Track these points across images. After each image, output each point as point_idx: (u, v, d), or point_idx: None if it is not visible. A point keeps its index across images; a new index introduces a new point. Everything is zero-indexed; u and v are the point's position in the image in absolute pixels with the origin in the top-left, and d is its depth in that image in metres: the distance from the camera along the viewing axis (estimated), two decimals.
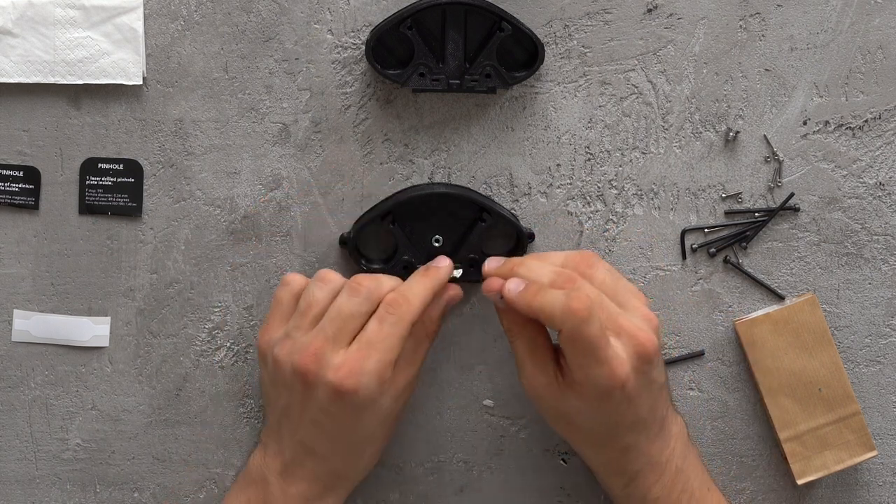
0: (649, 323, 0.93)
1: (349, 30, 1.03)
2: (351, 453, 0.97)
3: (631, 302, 0.94)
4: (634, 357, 0.91)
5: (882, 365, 1.06)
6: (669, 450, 0.97)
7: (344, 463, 0.97)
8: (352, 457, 0.97)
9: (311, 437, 0.95)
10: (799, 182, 1.05)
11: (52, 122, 1.03)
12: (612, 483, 0.99)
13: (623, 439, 0.95)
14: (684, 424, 1.00)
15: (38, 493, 1.06)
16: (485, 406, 1.06)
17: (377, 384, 0.92)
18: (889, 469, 1.07)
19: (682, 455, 0.98)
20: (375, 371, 0.92)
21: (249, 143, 1.04)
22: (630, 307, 0.94)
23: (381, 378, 0.92)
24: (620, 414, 0.93)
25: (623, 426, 0.94)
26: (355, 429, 0.95)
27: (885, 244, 1.05)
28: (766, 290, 1.05)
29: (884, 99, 1.04)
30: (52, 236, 1.04)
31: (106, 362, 1.05)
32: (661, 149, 1.04)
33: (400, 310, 0.93)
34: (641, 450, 0.95)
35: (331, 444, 0.95)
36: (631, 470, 0.96)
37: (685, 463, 0.98)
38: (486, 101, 1.04)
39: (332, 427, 0.94)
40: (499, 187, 1.05)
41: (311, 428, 0.95)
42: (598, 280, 0.94)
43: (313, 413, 0.94)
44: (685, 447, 0.99)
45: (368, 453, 0.98)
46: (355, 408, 0.93)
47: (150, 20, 1.02)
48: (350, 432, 0.95)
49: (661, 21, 1.03)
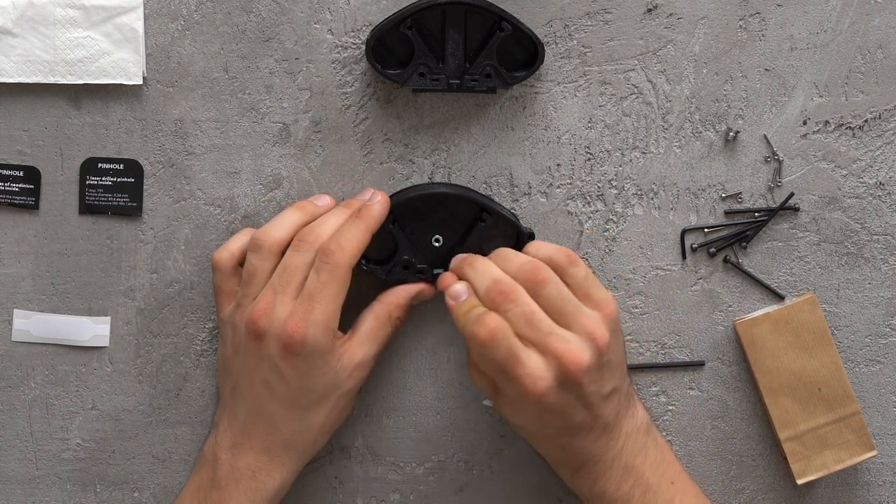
0: (591, 341, 0.93)
1: (349, 30, 1.03)
2: (300, 419, 0.97)
3: (577, 320, 0.93)
4: (560, 376, 0.92)
5: (882, 365, 1.06)
6: (617, 447, 0.97)
7: (293, 430, 0.97)
8: (301, 423, 0.97)
9: (262, 401, 0.96)
10: (799, 182, 1.05)
11: (52, 122, 1.03)
12: (560, 472, 1.01)
13: (557, 439, 0.96)
14: (646, 419, 1.00)
15: (38, 493, 1.06)
16: (485, 406, 1.06)
17: (323, 334, 0.94)
18: (889, 469, 1.07)
19: (636, 451, 0.98)
20: (321, 321, 0.93)
21: (249, 143, 1.04)
22: (575, 323, 0.93)
23: (328, 327, 0.94)
24: (545, 421, 0.94)
25: (552, 430, 0.95)
26: (304, 388, 0.95)
27: (885, 244, 1.05)
28: (766, 290, 1.05)
29: (884, 99, 1.04)
30: (52, 236, 1.04)
31: (106, 362, 1.05)
32: (661, 149, 1.04)
33: (333, 258, 0.94)
34: (581, 448, 0.96)
35: (280, 406, 0.96)
36: (573, 464, 0.97)
37: (639, 459, 0.98)
38: (486, 101, 1.04)
39: (281, 386, 0.95)
40: (499, 187, 1.05)
41: (262, 390, 0.96)
42: (544, 295, 0.94)
43: (264, 372, 0.95)
44: (640, 444, 0.98)
45: (318, 423, 0.97)
46: (304, 361, 0.94)
47: (150, 20, 1.02)
48: (299, 393, 0.96)
49: (661, 21, 1.03)
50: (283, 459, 0.97)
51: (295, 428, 0.97)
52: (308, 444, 0.98)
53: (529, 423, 0.96)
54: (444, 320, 1.05)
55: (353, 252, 0.95)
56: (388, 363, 1.06)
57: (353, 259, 0.95)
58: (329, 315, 0.94)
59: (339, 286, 0.94)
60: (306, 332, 0.93)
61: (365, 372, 0.98)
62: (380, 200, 0.98)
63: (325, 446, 1.05)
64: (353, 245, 0.95)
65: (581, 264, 0.96)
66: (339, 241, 0.95)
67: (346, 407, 1.00)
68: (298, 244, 0.96)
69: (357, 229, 0.96)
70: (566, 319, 0.93)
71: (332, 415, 0.98)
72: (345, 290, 0.95)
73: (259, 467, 0.97)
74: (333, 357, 0.95)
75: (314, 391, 0.96)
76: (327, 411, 0.97)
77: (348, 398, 0.99)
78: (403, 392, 1.06)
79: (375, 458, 1.07)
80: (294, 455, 0.98)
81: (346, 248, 0.95)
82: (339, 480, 1.07)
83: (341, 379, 0.97)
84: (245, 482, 0.97)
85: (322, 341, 0.94)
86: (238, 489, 0.97)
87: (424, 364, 1.06)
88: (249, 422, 0.97)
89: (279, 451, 0.97)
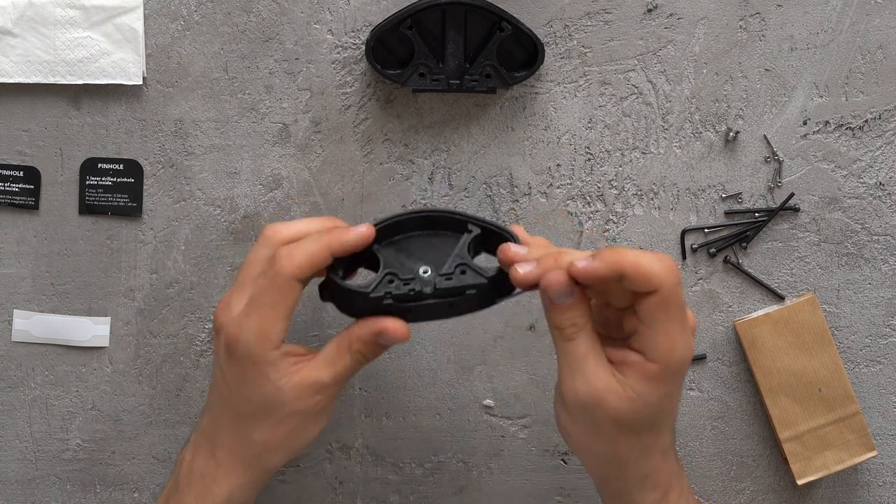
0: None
1: (349, 30, 1.03)
2: (240, 428, 0.91)
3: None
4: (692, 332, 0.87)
5: (882, 365, 1.06)
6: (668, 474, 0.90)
7: (233, 439, 0.91)
8: (240, 433, 0.91)
9: (214, 401, 0.92)
10: (799, 182, 1.05)
11: (52, 122, 1.03)
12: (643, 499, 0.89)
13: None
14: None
15: (38, 493, 1.06)
16: (485, 406, 1.06)
17: (256, 341, 0.87)
18: (889, 469, 1.07)
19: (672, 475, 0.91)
20: (255, 328, 0.87)
21: (249, 143, 1.04)
22: None
23: (262, 335, 0.87)
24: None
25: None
26: (240, 395, 0.89)
27: (885, 244, 1.05)
28: (766, 290, 1.05)
29: (884, 99, 1.04)
30: (52, 236, 1.04)
31: (106, 362, 1.05)
32: (661, 149, 1.04)
33: (277, 265, 0.87)
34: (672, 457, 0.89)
35: (224, 409, 0.91)
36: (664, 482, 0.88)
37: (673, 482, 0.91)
38: (486, 101, 1.04)
39: (224, 388, 0.90)
40: (499, 187, 1.05)
41: (215, 390, 0.92)
42: None
43: (217, 371, 0.91)
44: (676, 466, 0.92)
45: (260, 438, 0.90)
46: (238, 365, 0.88)
47: (150, 20, 1.02)
48: (237, 399, 0.90)
49: (661, 21, 1.03)
50: (227, 468, 0.91)
51: (235, 437, 0.91)
52: (252, 458, 0.91)
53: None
54: (444, 321, 1.05)
55: (301, 264, 0.87)
56: (387, 364, 1.06)
57: (298, 271, 0.87)
58: (264, 323, 0.87)
59: (279, 295, 0.87)
60: (240, 335, 0.88)
61: (319, 398, 0.90)
62: (358, 229, 0.90)
63: (322, 449, 1.05)
64: (303, 258, 0.87)
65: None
66: (291, 250, 0.88)
67: (299, 429, 0.91)
68: (261, 238, 0.91)
69: (315, 244, 0.88)
70: None
71: (279, 433, 0.90)
72: (287, 301, 0.87)
73: (207, 472, 0.92)
74: (274, 370, 0.88)
75: (251, 401, 0.89)
76: (271, 427, 0.90)
77: (300, 421, 0.90)
78: (403, 393, 1.06)
79: (375, 459, 1.07)
80: (240, 467, 0.91)
81: (295, 259, 0.87)
82: (339, 481, 1.07)
83: (287, 397, 0.89)
84: (196, 486, 0.92)
85: (254, 349, 0.87)
86: (190, 493, 0.92)
87: (424, 365, 1.06)
88: (207, 423, 0.93)
89: (224, 458, 0.91)
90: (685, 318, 0.84)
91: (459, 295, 0.88)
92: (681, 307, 0.84)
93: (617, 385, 0.85)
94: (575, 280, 0.84)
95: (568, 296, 0.85)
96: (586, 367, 0.85)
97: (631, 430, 0.86)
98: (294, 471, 1.07)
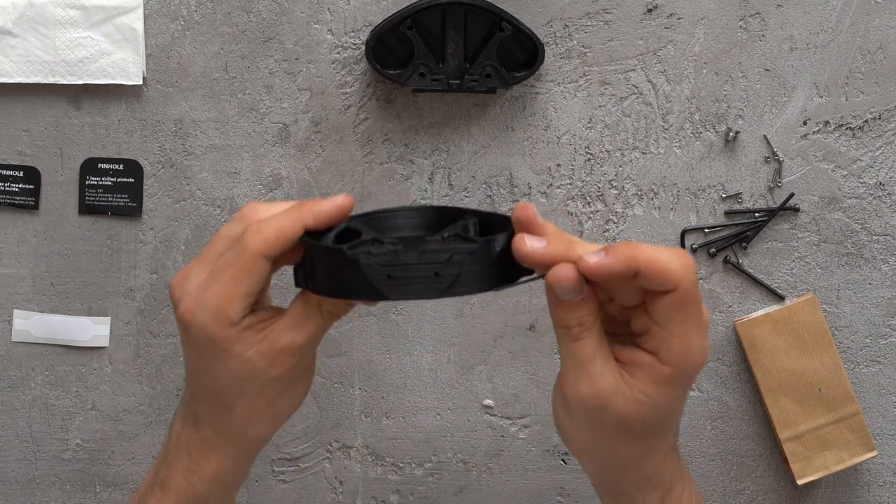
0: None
1: (349, 30, 1.03)
2: (219, 404, 0.84)
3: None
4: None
5: (882, 365, 1.06)
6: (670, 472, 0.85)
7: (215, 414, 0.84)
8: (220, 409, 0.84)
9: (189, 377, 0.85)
10: (799, 182, 1.05)
11: (52, 122, 1.03)
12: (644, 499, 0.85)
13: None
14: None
15: (38, 493, 1.06)
16: (485, 406, 1.06)
17: (213, 319, 0.80)
18: (889, 469, 1.07)
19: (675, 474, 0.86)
20: (212, 304, 0.79)
21: (249, 143, 1.04)
22: None
23: (219, 313, 0.80)
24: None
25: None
26: (210, 372, 0.82)
27: (885, 244, 1.05)
28: (766, 290, 1.05)
29: (884, 99, 1.04)
30: (52, 236, 1.04)
31: (106, 362, 1.05)
32: (661, 149, 1.04)
33: (244, 239, 0.79)
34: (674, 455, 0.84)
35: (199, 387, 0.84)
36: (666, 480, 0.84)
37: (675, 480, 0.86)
38: (486, 101, 1.04)
39: (192, 366, 0.84)
40: (499, 187, 1.05)
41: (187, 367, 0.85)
42: None
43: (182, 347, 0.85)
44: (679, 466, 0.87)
45: (239, 411, 0.84)
46: (198, 344, 0.81)
47: (150, 20, 1.02)
48: (207, 376, 0.83)
49: (661, 21, 1.03)
50: (212, 443, 0.85)
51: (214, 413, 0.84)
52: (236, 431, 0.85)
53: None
54: (444, 321, 1.05)
55: (269, 239, 0.79)
56: (387, 364, 1.06)
57: (264, 246, 0.79)
58: (222, 300, 0.79)
59: (242, 271, 0.79)
60: (195, 311, 0.80)
61: (294, 360, 0.82)
62: (333, 199, 0.81)
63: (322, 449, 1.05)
64: (272, 232, 0.79)
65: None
66: (260, 224, 0.80)
67: (281, 397, 0.84)
68: (237, 214, 0.83)
69: (286, 218, 0.80)
70: None
71: (260, 403, 0.84)
72: (251, 279, 0.79)
73: (193, 446, 0.85)
74: (237, 344, 0.81)
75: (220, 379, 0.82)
76: (250, 400, 0.83)
77: (280, 387, 0.83)
78: (403, 393, 1.06)
79: (375, 459, 1.07)
80: (225, 442, 0.85)
81: (263, 233, 0.79)
82: (339, 481, 1.07)
83: (259, 366, 0.81)
84: (184, 461, 0.85)
85: (211, 327, 0.80)
86: (178, 466, 0.85)
87: (424, 365, 1.06)
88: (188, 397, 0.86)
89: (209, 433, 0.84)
90: (702, 318, 0.78)
91: (447, 261, 0.75)
92: (698, 307, 0.78)
93: (624, 387, 0.79)
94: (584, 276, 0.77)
95: (576, 293, 0.77)
96: (592, 369, 0.79)
97: (636, 432, 0.81)
98: (294, 471, 1.07)
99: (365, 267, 0.75)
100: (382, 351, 1.06)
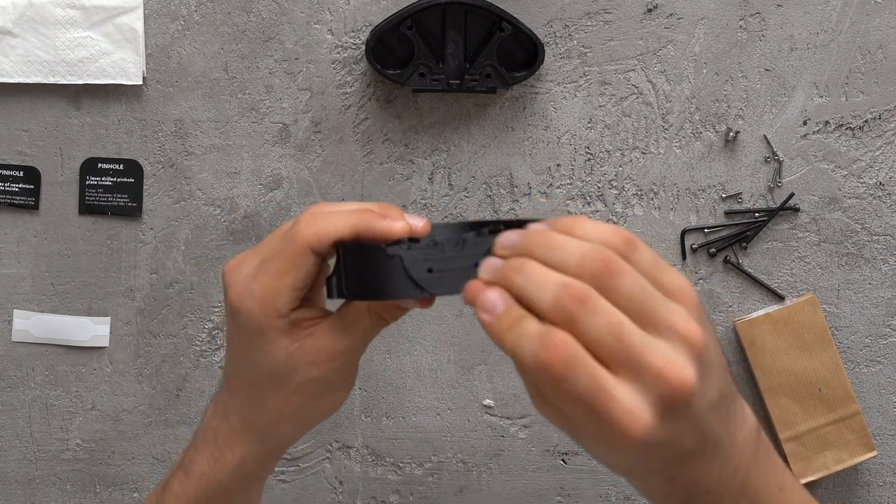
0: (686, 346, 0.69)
1: (349, 30, 1.03)
2: (253, 395, 0.84)
3: (666, 317, 0.69)
4: (663, 402, 0.68)
5: (882, 365, 1.06)
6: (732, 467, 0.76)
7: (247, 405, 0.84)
8: (253, 400, 0.84)
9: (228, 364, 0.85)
10: (799, 182, 1.05)
11: (52, 122, 1.03)
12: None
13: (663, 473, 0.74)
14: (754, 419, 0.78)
15: (38, 493, 1.06)
16: (485, 406, 1.06)
17: (259, 308, 0.80)
18: (889, 469, 1.07)
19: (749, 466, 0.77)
20: (259, 293, 0.80)
21: (249, 143, 1.04)
22: (663, 325, 0.69)
23: (265, 302, 0.80)
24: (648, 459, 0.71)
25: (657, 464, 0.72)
26: (250, 361, 0.83)
27: (885, 244, 1.05)
28: (766, 290, 1.05)
29: (884, 99, 1.04)
30: (52, 236, 1.04)
31: (106, 362, 1.05)
32: (661, 149, 1.04)
33: (295, 228, 0.79)
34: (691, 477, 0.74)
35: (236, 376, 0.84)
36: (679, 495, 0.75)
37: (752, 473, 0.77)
38: (486, 101, 1.04)
39: (233, 353, 0.84)
40: (499, 187, 1.05)
41: (227, 353, 0.85)
42: (624, 293, 0.69)
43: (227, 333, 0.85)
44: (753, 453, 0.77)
45: (271, 406, 0.83)
46: (243, 332, 0.82)
47: (150, 20, 1.02)
48: (247, 365, 0.83)
49: (661, 21, 1.03)
50: (240, 434, 0.85)
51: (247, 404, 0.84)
52: (265, 427, 0.84)
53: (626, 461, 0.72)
54: (444, 321, 1.05)
55: (318, 232, 0.78)
56: (388, 364, 1.06)
57: (314, 239, 0.78)
58: (269, 290, 0.79)
59: (289, 262, 0.79)
60: (242, 299, 0.80)
61: (335, 364, 0.82)
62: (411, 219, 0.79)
63: (322, 449, 1.05)
64: (323, 227, 0.78)
65: (645, 247, 0.70)
66: (314, 216, 0.79)
67: (315, 399, 0.84)
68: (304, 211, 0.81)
69: (343, 218, 0.79)
70: (647, 321, 0.69)
71: (293, 402, 0.83)
72: (298, 272, 0.79)
73: (221, 435, 0.85)
74: (283, 337, 0.81)
75: (259, 369, 0.82)
76: (284, 396, 0.83)
77: (315, 390, 0.83)
78: (403, 393, 1.06)
79: (375, 459, 1.07)
80: (251, 436, 0.85)
81: (314, 226, 0.78)
82: (339, 480, 1.07)
83: (299, 364, 0.81)
84: (210, 448, 0.85)
85: (258, 316, 0.80)
86: (204, 452, 0.85)
87: (424, 365, 1.06)
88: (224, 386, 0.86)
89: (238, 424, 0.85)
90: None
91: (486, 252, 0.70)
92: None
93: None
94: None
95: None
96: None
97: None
98: (294, 471, 1.07)
99: (406, 261, 0.74)
100: (382, 351, 1.06)
